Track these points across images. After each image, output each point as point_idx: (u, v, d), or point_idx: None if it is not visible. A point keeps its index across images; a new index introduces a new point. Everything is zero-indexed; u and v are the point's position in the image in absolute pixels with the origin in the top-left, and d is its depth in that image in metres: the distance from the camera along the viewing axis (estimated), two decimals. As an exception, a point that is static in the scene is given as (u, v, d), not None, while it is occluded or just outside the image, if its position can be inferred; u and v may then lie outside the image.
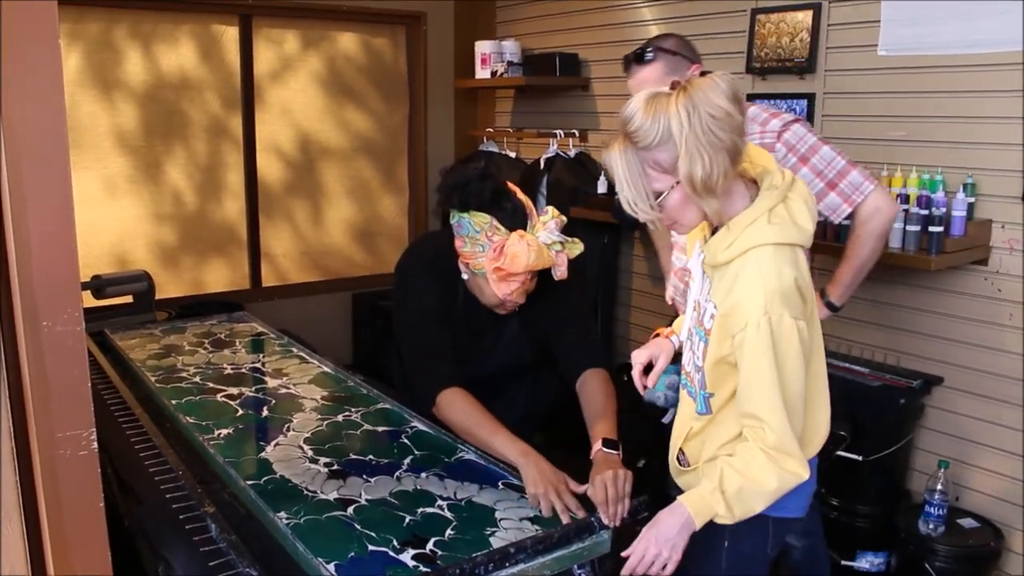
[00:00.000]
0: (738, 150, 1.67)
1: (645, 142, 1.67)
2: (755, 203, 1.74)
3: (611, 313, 4.63)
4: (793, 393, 1.71)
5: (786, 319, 1.68)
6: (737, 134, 1.66)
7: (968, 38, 2.99)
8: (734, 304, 1.72)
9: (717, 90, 1.64)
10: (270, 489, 2.04)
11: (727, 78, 1.67)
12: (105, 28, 4.33)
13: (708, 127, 1.62)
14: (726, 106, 1.63)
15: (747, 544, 1.92)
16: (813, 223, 1.77)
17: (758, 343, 1.68)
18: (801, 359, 1.71)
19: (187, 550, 1.80)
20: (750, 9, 3.71)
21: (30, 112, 1.08)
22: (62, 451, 1.16)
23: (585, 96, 4.70)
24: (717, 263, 1.77)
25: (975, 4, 2.95)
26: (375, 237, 5.45)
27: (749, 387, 1.74)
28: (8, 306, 1.18)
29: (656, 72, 2.47)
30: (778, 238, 1.71)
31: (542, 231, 2.14)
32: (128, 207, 4.55)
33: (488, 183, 2.15)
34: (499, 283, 2.14)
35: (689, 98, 1.63)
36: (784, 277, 1.69)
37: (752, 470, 1.74)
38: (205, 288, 4.87)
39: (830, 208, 2.50)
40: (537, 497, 1.92)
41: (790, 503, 1.88)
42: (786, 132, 2.47)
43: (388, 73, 5.31)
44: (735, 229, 1.74)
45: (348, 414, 2.54)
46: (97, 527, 1.22)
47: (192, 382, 2.81)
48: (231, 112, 4.79)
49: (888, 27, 3.23)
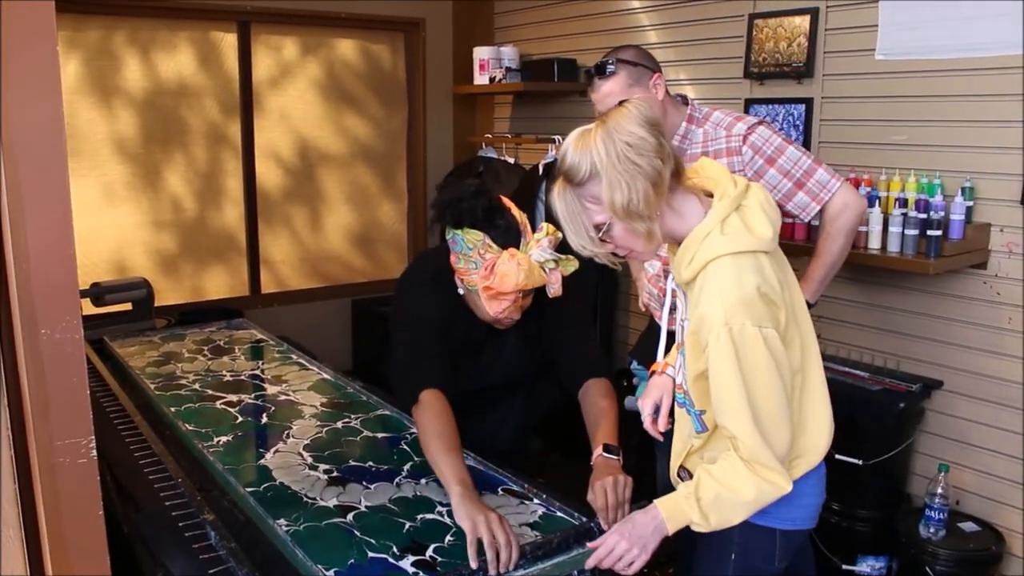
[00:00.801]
0: (657, 173, 1.68)
1: (578, 178, 1.72)
2: (707, 216, 1.75)
3: (611, 318, 4.63)
4: (767, 403, 1.68)
5: (748, 328, 1.65)
6: (656, 156, 1.68)
7: (966, 41, 2.99)
8: (699, 318, 1.71)
9: (630, 117, 1.69)
10: (269, 496, 2.04)
11: (639, 104, 1.72)
12: (103, 35, 4.34)
13: (624, 154, 1.66)
14: (639, 131, 1.68)
15: (756, 557, 1.89)
16: (772, 227, 1.75)
17: (721, 354, 1.67)
18: (772, 368, 1.67)
19: (187, 557, 1.80)
20: (748, 14, 3.72)
21: (29, 119, 1.08)
22: (61, 459, 1.16)
23: (583, 101, 4.70)
24: (683, 280, 1.78)
25: (973, 7, 2.96)
26: (374, 243, 5.46)
27: (717, 400, 1.72)
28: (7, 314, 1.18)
29: (619, 84, 2.47)
30: (734, 247, 1.70)
31: (535, 249, 2.12)
32: (127, 214, 4.55)
33: (481, 200, 2.13)
34: (490, 301, 2.13)
35: (606, 129, 1.69)
36: (745, 285, 1.67)
37: (730, 479, 1.73)
38: (204, 295, 4.87)
39: (799, 207, 2.52)
40: (478, 526, 1.76)
41: (798, 515, 1.87)
42: (751, 135, 2.48)
43: (387, 79, 5.32)
44: (692, 245, 1.74)
45: (347, 421, 2.54)
46: (96, 534, 1.22)
47: (191, 389, 2.81)
48: (230, 119, 4.79)
49: (886, 31, 3.23)
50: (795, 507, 1.85)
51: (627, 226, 1.72)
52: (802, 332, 1.79)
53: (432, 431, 2.05)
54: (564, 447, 4.20)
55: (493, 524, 1.76)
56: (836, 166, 3.45)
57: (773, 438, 1.70)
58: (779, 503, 1.79)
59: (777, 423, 1.70)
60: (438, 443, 2.01)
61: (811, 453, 1.84)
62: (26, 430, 1.20)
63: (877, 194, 3.18)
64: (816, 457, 1.85)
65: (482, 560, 1.74)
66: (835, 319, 3.55)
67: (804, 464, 1.83)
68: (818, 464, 1.87)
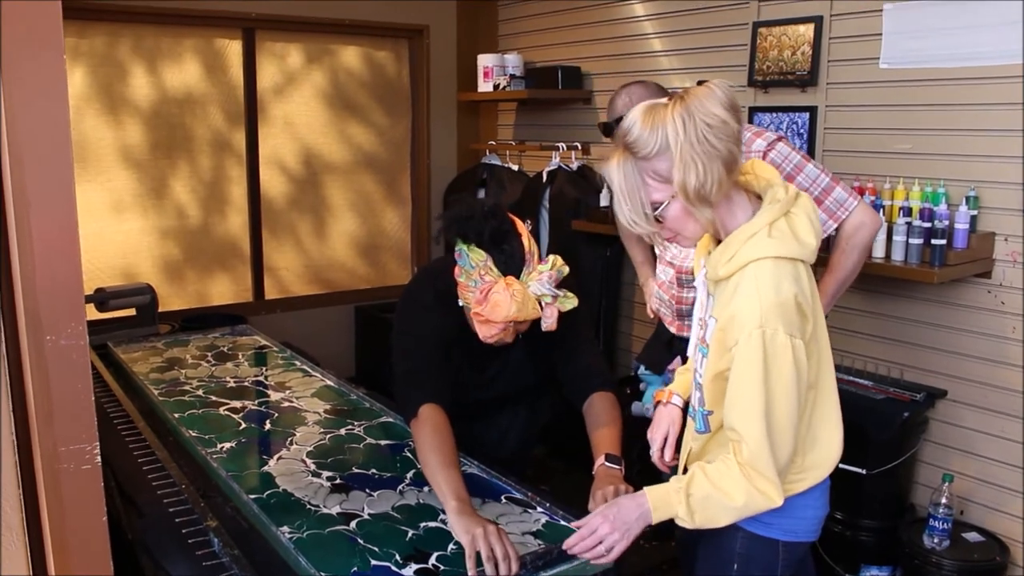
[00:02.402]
0: (734, 159, 1.65)
1: (643, 152, 1.66)
2: (756, 216, 1.73)
3: (613, 326, 4.63)
4: (781, 413, 1.67)
5: (780, 335, 1.64)
6: (733, 143, 1.64)
7: (970, 51, 2.99)
8: (731, 316, 1.70)
9: (713, 98, 1.63)
10: (273, 503, 2.04)
11: (723, 86, 1.66)
12: (108, 43, 4.35)
13: (703, 135, 1.61)
14: (722, 114, 1.63)
15: (757, 568, 1.88)
16: (816, 239, 1.74)
17: (749, 356, 1.65)
18: (794, 380, 1.66)
19: (190, 564, 1.80)
20: (752, 22, 3.72)
21: (35, 127, 1.08)
22: (65, 465, 1.16)
23: (587, 109, 4.71)
24: (718, 277, 1.76)
25: (977, 17, 2.96)
26: (378, 250, 5.46)
27: (733, 399, 1.71)
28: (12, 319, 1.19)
29: None
30: (778, 251, 1.69)
31: (535, 281, 2.07)
32: (132, 221, 4.56)
33: (492, 222, 2.09)
34: (479, 326, 2.11)
35: (685, 107, 1.63)
36: (783, 291, 1.66)
37: (723, 481, 1.71)
38: (209, 301, 4.88)
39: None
40: (476, 539, 1.76)
41: (801, 527, 1.86)
42: (771, 151, 2.48)
43: (391, 87, 5.33)
44: (735, 242, 1.72)
45: (351, 427, 2.54)
46: (100, 540, 1.22)
47: (195, 395, 2.81)
48: (234, 126, 4.80)
49: (890, 40, 3.24)
50: (798, 519, 1.84)
51: (689, 208, 1.68)
52: (820, 347, 1.78)
53: (429, 446, 2.05)
54: (567, 455, 4.20)
55: (491, 536, 1.75)
56: (840, 175, 3.45)
57: (778, 449, 1.68)
58: (782, 514, 1.78)
59: (785, 436, 1.69)
60: (436, 458, 2.01)
61: (820, 467, 1.83)
62: (30, 436, 1.20)
63: (881, 203, 3.17)
64: (824, 472, 1.84)
65: (480, 572, 1.73)
66: (839, 328, 3.55)
67: (812, 478, 1.82)
68: (826, 479, 1.86)
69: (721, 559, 1.89)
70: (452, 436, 2.09)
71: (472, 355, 2.32)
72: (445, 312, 2.23)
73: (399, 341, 2.28)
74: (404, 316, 2.32)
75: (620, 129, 1.70)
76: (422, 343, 2.23)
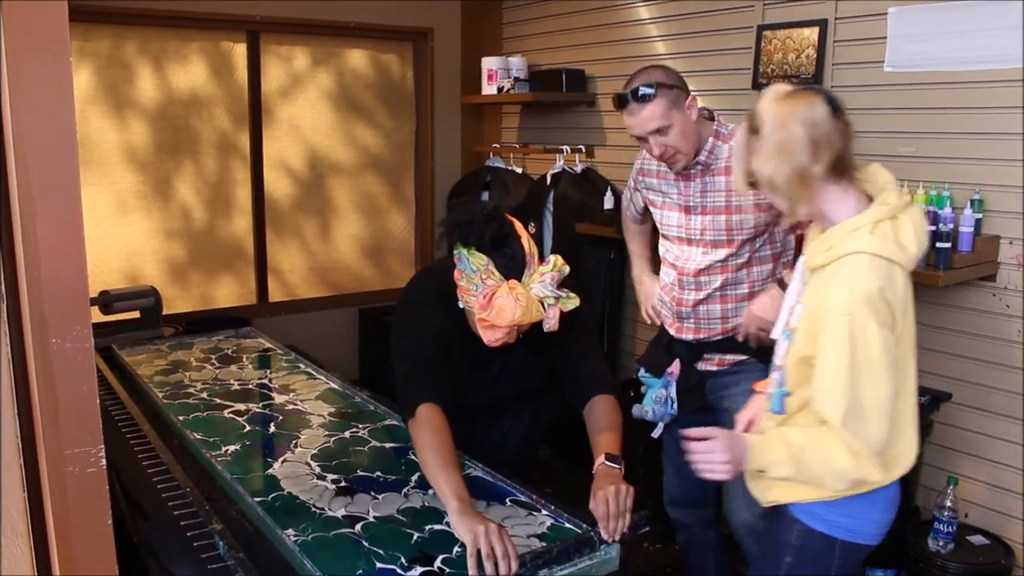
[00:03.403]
0: (805, 170, 1.77)
1: (750, 127, 1.82)
2: (862, 214, 1.80)
3: (617, 328, 4.62)
4: (869, 399, 1.72)
5: (871, 324, 1.70)
6: (809, 157, 1.76)
7: (975, 54, 2.99)
8: (821, 303, 1.77)
9: (814, 106, 1.78)
10: (278, 506, 2.04)
11: (826, 100, 1.81)
12: (114, 45, 4.36)
13: (785, 142, 1.75)
14: (802, 131, 1.76)
15: (810, 564, 1.90)
16: (919, 248, 1.80)
17: (838, 342, 1.71)
18: (884, 368, 1.72)
19: (195, 567, 1.80)
20: (756, 25, 3.72)
21: (40, 129, 1.08)
22: (71, 468, 1.16)
23: (591, 112, 4.71)
24: (815, 265, 1.83)
25: (981, 20, 2.96)
26: (382, 252, 5.46)
27: (822, 384, 1.76)
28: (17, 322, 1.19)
29: (659, 108, 2.43)
30: (876, 249, 1.75)
31: (537, 283, 2.09)
32: (137, 223, 4.57)
33: (492, 226, 2.10)
34: (484, 330, 2.12)
35: (790, 108, 1.77)
36: (873, 285, 1.73)
37: (821, 442, 1.76)
38: (213, 303, 4.88)
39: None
40: (477, 538, 1.77)
41: (860, 528, 1.89)
42: None
43: (395, 89, 5.33)
44: (836, 234, 1.80)
45: (355, 430, 2.54)
46: (105, 544, 1.22)
47: (199, 398, 2.81)
48: (239, 128, 4.81)
49: (894, 43, 3.23)
50: (860, 520, 1.87)
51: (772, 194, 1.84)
52: (905, 354, 1.82)
53: (429, 446, 2.06)
54: (571, 457, 4.19)
55: (492, 536, 1.77)
56: (845, 177, 3.45)
57: (865, 429, 1.73)
58: (843, 513, 1.83)
59: (875, 421, 1.74)
60: (435, 459, 2.02)
61: (896, 467, 1.87)
62: (36, 439, 1.20)
63: (886, 206, 3.17)
64: (900, 471, 1.88)
65: (482, 572, 1.74)
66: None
67: (888, 476, 1.86)
68: (892, 483, 1.89)
69: (777, 549, 1.92)
70: (451, 436, 2.10)
71: (473, 356, 2.32)
72: (446, 312, 2.23)
73: (399, 342, 2.28)
74: (404, 317, 2.33)
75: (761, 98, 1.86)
76: (422, 343, 2.23)
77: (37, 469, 1.22)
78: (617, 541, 1.93)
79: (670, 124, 2.43)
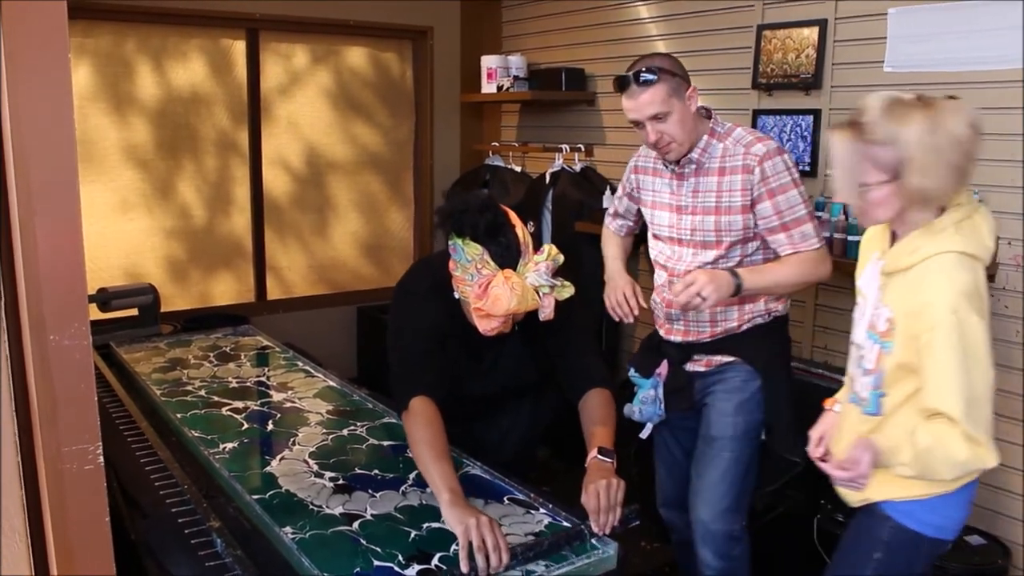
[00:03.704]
0: (965, 175, 1.80)
1: (872, 136, 1.81)
2: (944, 215, 1.85)
3: (616, 328, 4.62)
4: (981, 388, 1.78)
5: (974, 317, 1.76)
6: (970, 161, 1.79)
7: (975, 55, 2.99)
8: (922, 305, 1.80)
9: (963, 114, 1.78)
10: (275, 503, 2.04)
11: (969, 107, 1.81)
12: (114, 42, 4.36)
13: (945, 147, 1.76)
14: (968, 133, 1.77)
15: (900, 560, 1.96)
16: (994, 244, 1.86)
17: (948, 341, 1.76)
18: (988, 357, 1.80)
19: (192, 564, 1.80)
20: (756, 25, 3.72)
21: (39, 126, 1.08)
22: (68, 465, 1.16)
23: (591, 111, 4.71)
24: (898, 268, 1.87)
25: (982, 21, 2.96)
26: (381, 250, 5.46)
27: (936, 381, 1.80)
28: (15, 319, 1.19)
29: (659, 94, 2.40)
30: (964, 247, 1.81)
31: (532, 272, 2.09)
32: (136, 221, 4.57)
33: (487, 215, 2.11)
34: (479, 320, 2.12)
35: (934, 115, 1.77)
36: (968, 281, 1.78)
37: (944, 438, 1.79)
38: (211, 301, 4.88)
39: (776, 243, 2.49)
40: (468, 530, 1.79)
41: (945, 524, 1.95)
42: (767, 160, 2.44)
43: (395, 87, 5.33)
44: (921, 237, 1.85)
45: (353, 428, 2.54)
46: (103, 541, 1.22)
47: (197, 395, 2.81)
48: (238, 126, 4.81)
49: (895, 44, 3.23)
50: (948, 517, 1.93)
51: (892, 199, 1.84)
52: None
53: (421, 439, 2.07)
54: (570, 457, 4.18)
55: (484, 528, 1.78)
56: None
57: (981, 417, 1.79)
58: (933, 511, 1.90)
59: (985, 409, 1.80)
60: (428, 451, 2.04)
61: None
62: (33, 436, 1.20)
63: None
64: (977, 472, 1.92)
65: (472, 564, 1.75)
66: (841, 331, 3.54)
67: (966, 476, 1.92)
68: (975, 483, 1.96)
69: (867, 545, 1.96)
70: (443, 429, 2.11)
71: (469, 347, 2.33)
72: (440, 303, 2.24)
73: (394, 334, 2.30)
74: (398, 308, 2.34)
75: (860, 106, 1.86)
76: (416, 336, 2.24)
77: (35, 466, 1.22)
78: (607, 535, 1.93)
79: (669, 111, 2.40)
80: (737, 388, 2.58)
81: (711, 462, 2.59)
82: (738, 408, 2.57)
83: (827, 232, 3.34)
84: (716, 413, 2.59)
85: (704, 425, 2.62)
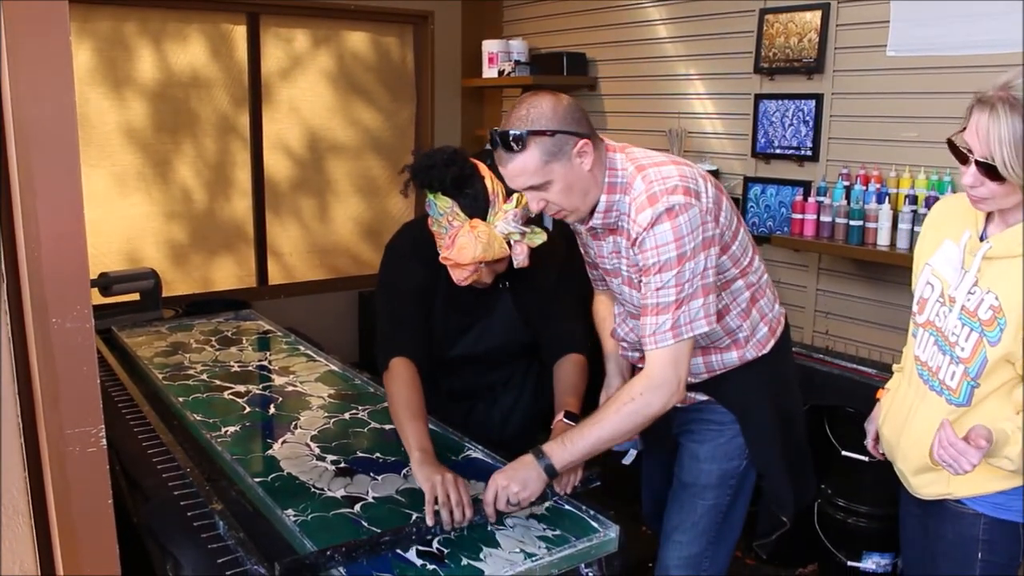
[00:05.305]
0: None
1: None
2: None
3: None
4: None
5: None
6: None
7: (977, 39, 2.98)
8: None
9: None
10: (277, 486, 2.05)
11: None
12: (114, 25, 4.34)
13: None
14: None
15: (1001, 553, 1.91)
16: None
17: None
18: None
19: (195, 547, 1.81)
20: (758, 9, 3.71)
21: (40, 109, 1.08)
22: (71, 448, 1.16)
23: (592, 95, 4.70)
24: (1012, 254, 1.79)
25: (985, 5, 2.95)
26: (382, 235, 5.45)
27: None
28: (17, 302, 1.19)
29: (532, 160, 1.86)
30: None
31: (501, 220, 2.14)
32: (137, 204, 4.57)
33: (452, 169, 2.16)
34: (452, 270, 2.18)
35: None
36: None
37: None
38: (213, 285, 4.88)
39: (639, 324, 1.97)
40: (435, 486, 1.86)
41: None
42: (648, 231, 1.88)
43: (395, 71, 5.32)
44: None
45: (355, 412, 2.55)
46: (106, 524, 1.23)
47: (199, 379, 2.81)
48: (239, 110, 4.80)
49: (897, 28, 3.22)
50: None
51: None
52: None
53: (399, 399, 2.15)
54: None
55: (448, 484, 1.87)
56: (846, 162, 3.45)
57: None
58: (1019, 496, 1.84)
59: None
60: (404, 411, 2.12)
61: None
62: (36, 419, 1.20)
63: (887, 191, 3.17)
64: None
65: (438, 518, 1.83)
66: (842, 315, 3.54)
67: None
68: None
69: (963, 549, 1.91)
70: (421, 389, 2.18)
71: (457, 305, 2.38)
72: (423, 261, 2.28)
73: (379, 295, 2.38)
74: (383, 267, 2.41)
75: (1005, 82, 1.78)
76: (400, 295, 2.31)
77: (38, 448, 1.22)
78: (568, 494, 1.99)
79: (548, 180, 1.87)
80: (713, 431, 2.21)
81: (682, 508, 2.25)
82: (711, 454, 2.20)
83: (828, 217, 3.34)
84: (688, 457, 2.24)
85: (678, 466, 2.28)
